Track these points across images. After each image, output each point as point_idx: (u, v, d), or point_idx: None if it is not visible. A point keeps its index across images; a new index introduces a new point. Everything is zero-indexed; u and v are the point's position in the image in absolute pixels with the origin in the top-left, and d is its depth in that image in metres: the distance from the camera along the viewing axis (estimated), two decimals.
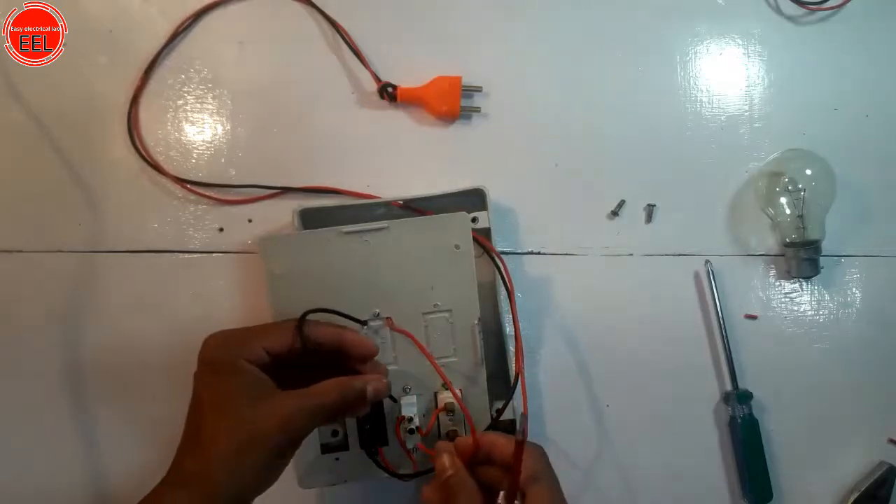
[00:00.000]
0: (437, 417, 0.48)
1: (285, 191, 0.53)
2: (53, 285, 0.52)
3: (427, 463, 0.48)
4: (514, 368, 0.49)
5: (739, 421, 0.53)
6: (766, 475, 0.53)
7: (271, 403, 0.39)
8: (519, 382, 0.47)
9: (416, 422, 0.46)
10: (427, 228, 0.48)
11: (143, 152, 0.53)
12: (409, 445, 0.46)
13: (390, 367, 0.48)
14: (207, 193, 0.53)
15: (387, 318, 0.48)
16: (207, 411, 0.39)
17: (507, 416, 0.49)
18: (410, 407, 0.47)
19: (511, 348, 0.51)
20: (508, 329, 0.51)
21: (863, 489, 0.55)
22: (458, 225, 0.48)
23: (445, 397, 0.48)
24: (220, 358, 0.41)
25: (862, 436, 0.56)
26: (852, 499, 0.55)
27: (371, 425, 0.48)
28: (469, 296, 0.48)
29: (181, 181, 0.53)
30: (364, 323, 0.48)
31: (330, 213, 0.51)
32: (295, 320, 0.44)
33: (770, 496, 0.53)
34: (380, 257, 0.48)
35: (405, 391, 0.48)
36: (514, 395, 0.48)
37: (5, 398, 0.52)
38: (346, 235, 0.48)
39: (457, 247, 0.48)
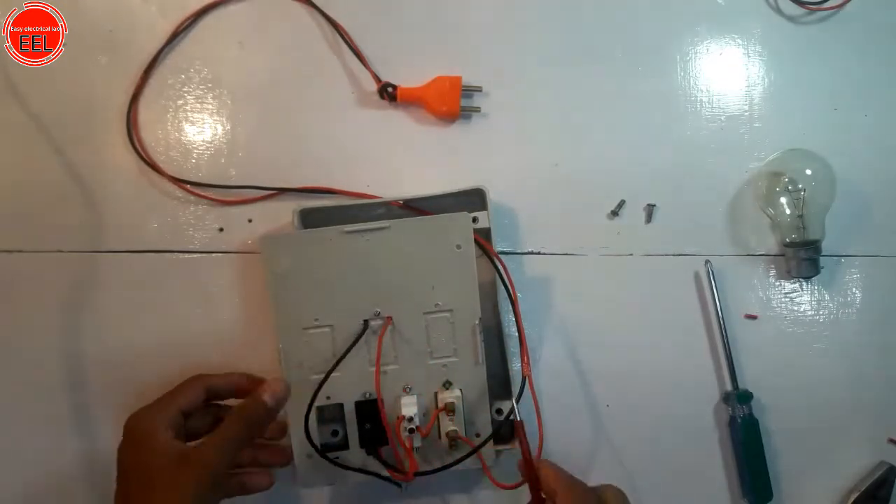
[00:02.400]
0: (437, 417, 0.48)
1: (281, 191, 0.53)
2: (53, 285, 0.52)
3: (426, 464, 0.48)
4: (521, 371, 0.48)
5: (739, 421, 0.53)
6: (766, 475, 0.53)
7: (191, 462, 0.41)
8: (526, 386, 0.47)
9: (417, 421, 0.46)
10: (428, 228, 0.48)
11: (142, 152, 0.53)
12: (409, 445, 0.46)
13: (391, 367, 0.48)
14: (205, 194, 0.53)
15: (387, 317, 0.48)
16: (134, 484, 0.42)
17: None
18: (410, 407, 0.47)
19: (511, 348, 0.51)
20: (508, 329, 0.51)
21: (863, 489, 0.55)
22: (460, 225, 0.48)
23: (446, 397, 0.48)
24: (139, 429, 0.43)
25: (862, 436, 0.56)
26: (852, 499, 0.55)
27: (371, 425, 0.48)
28: (470, 296, 0.48)
29: (178, 181, 0.53)
30: (365, 323, 0.48)
31: (330, 213, 0.51)
32: (197, 378, 0.47)
33: (770, 496, 0.53)
34: (381, 257, 0.48)
35: (405, 391, 0.48)
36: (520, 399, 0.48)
37: (4, 398, 0.52)
38: (347, 235, 0.48)
39: (458, 247, 0.48)
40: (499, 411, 0.51)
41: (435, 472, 0.48)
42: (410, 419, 0.46)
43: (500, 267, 0.50)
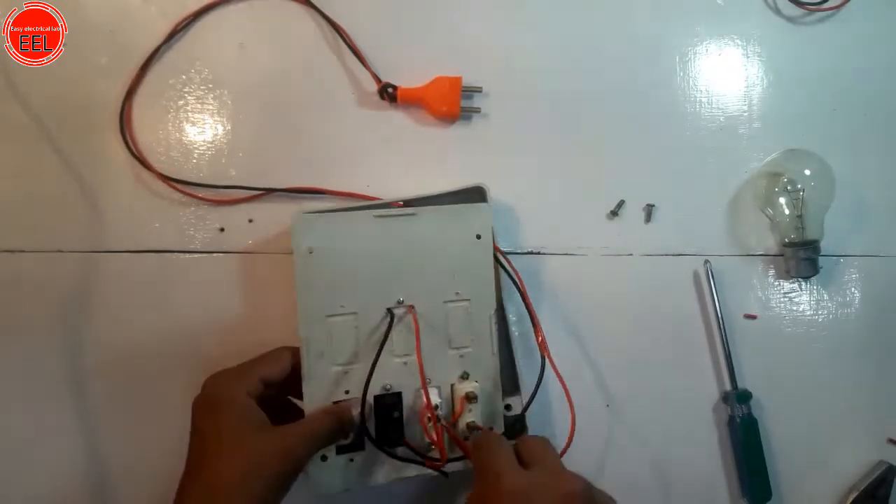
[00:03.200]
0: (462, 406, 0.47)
1: (269, 192, 0.53)
2: (53, 285, 0.52)
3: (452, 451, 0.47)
4: (538, 349, 0.49)
5: (738, 420, 0.54)
6: (765, 474, 0.54)
7: (271, 435, 0.41)
8: (547, 364, 0.48)
9: (441, 410, 0.46)
10: (452, 217, 0.48)
11: (134, 149, 0.53)
12: (435, 436, 0.45)
13: (410, 358, 0.47)
14: (197, 193, 0.53)
15: (409, 305, 0.48)
16: (211, 443, 0.40)
17: (517, 409, 0.49)
18: (434, 397, 0.46)
19: (516, 343, 0.51)
20: (512, 325, 0.52)
21: (862, 488, 0.55)
22: (481, 215, 0.49)
23: (464, 387, 0.48)
24: (220, 393, 0.43)
25: (861, 435, 0.56)
26: (851, 498, 0.55)
27: (394, 419, 0.47)
28: (487, 286, 0.49)
29: (167, 179, 0.52)
30: (389, 312, 0.47)
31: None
32: (284, 349, 0.47)
33: (769, 495, 0.53)
34: (406, 244, 0.48)
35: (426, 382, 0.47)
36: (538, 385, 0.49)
37: (5, 398, 0.52)
38: (376, 219, 0.47)
39: (478, 237, 0.48)
40: (507, 406, 0.50)
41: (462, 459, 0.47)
42: (436, 407, 0.45)
43: (501, 259, 0.50)
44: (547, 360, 0.49)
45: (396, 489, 0.50)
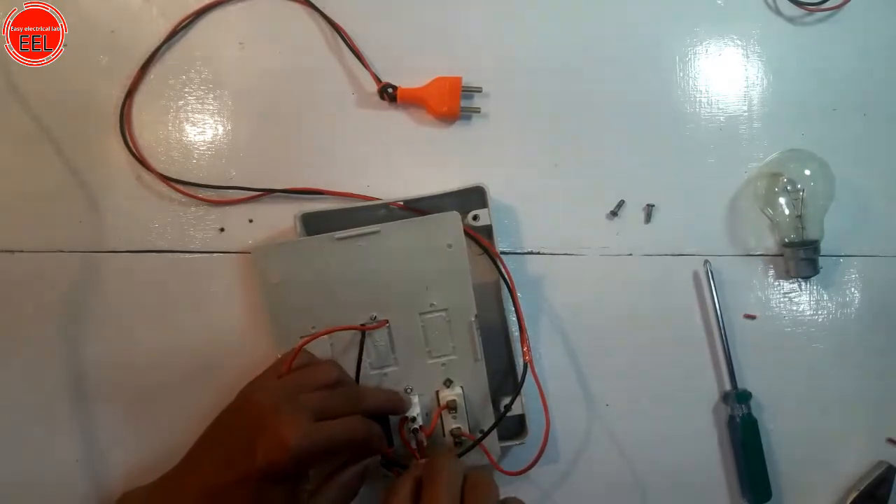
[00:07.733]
0: (440, 416, 0.48)
1: (267, 192, 0.53)
2: (53, 285, 0.52)
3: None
4: (520, 363, 0.49)
5: (738, 420, 0.54)
6: (765, 474, 0.54)
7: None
8: (528, 373, 0.48)
9: (420, 421, 0.46)
10: (419, 229, 0.48)
11: (133, 148, 0.53)
12: (414, 445, 0.46)
13: (390, 370, 0.48)
14: (195, 193, 0.53)
15: (382, 320, 0.48)
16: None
17: (516, 409, 0.49)
18: (413, 407, 0.47)
19: (515, 343, 0.51)
20: (512, 326, 0.51)
21: (862, 488, 0.55)
22: (450, 224, 0.48)
23: (447, 395, 0.48)
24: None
25: (861, 435, 0.56)
26: (851, 498, 0.55)
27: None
28: (464, 294, 0.48)
29: (166, 179, 0.53)
30: (362, 327, 0.48)
31: (331, 216, 0.51)
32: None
33: (769, 495, 0.53)
34: (374, 261, 0.48)
35: (406, 392, 0.48)
36: (522, 388, 0.49)
37: (5, 398, 0.52)
38: (338, 241, 0.48)
39: (449, 246, 0.48)
40: (507, 407, 0.51)
41: None
42: (413, 419, 0.46)
43: (496, 260, 0.50)
44: (530, 372, 0.49)
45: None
